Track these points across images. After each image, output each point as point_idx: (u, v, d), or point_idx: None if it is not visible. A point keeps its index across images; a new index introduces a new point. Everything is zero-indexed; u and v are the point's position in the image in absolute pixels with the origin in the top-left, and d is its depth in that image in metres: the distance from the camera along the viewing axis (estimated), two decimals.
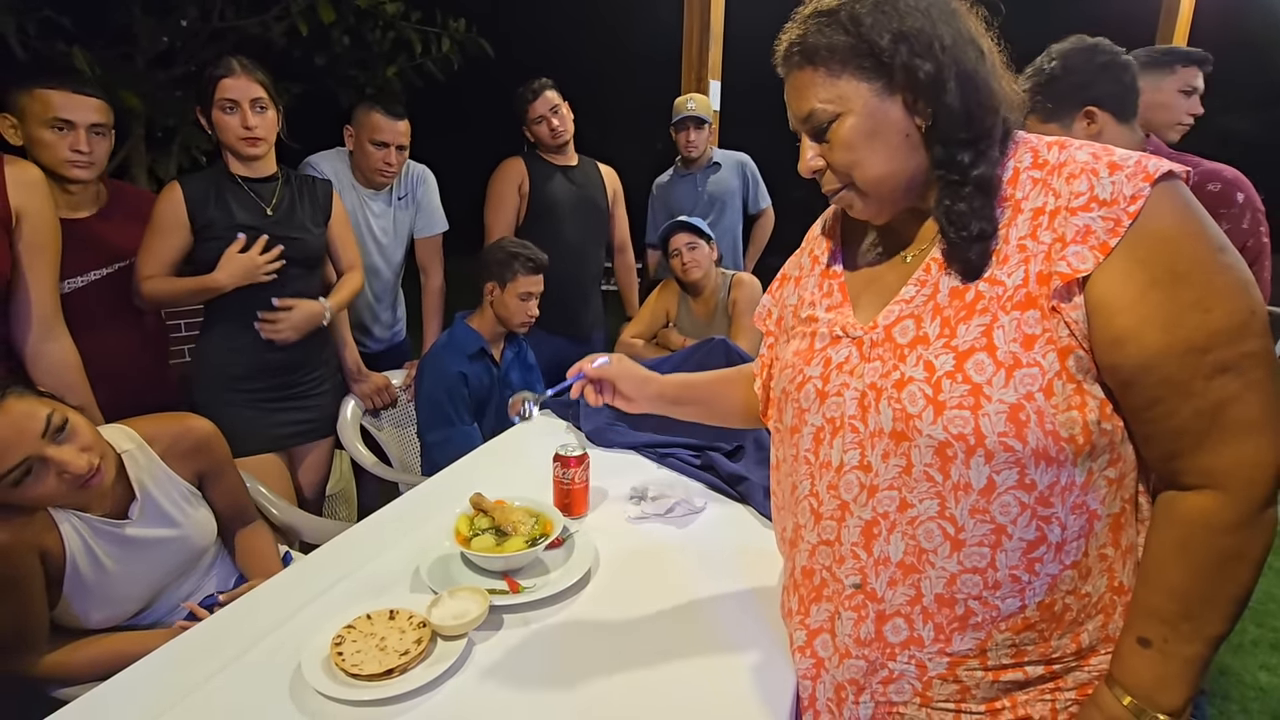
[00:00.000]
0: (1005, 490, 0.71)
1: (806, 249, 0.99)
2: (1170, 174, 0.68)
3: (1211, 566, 0.69)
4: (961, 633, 0.76)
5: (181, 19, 3.62)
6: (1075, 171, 0.70)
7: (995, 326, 0.71)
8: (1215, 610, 0.70)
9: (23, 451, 1.07)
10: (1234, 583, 0.69)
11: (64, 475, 1.10)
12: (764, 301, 1.05)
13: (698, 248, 2.44)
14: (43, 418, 1.10)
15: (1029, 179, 0.74)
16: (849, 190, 0.80)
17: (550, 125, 2.54)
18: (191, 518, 1.34)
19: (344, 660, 0.90)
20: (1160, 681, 0.71)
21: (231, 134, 1.73)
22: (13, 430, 1.06)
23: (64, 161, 1.61)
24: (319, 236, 1.90)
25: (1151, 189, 0.67)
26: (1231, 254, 0.67)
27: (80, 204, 1.71)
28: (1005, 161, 0.76)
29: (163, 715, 0.86)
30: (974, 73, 0.73)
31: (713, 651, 0.97)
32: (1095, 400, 0.70)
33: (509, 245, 2.11)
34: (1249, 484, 0.67)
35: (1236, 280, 0.67)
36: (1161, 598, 0.71)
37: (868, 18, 0.73)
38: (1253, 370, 0.66)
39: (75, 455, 1.11)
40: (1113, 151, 0.70)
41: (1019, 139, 0.77)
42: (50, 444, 1.10)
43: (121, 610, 1.24)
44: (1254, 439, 0.66)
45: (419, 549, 1.18)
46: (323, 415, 2.03)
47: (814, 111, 0.77)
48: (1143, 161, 0.68)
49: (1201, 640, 0.70)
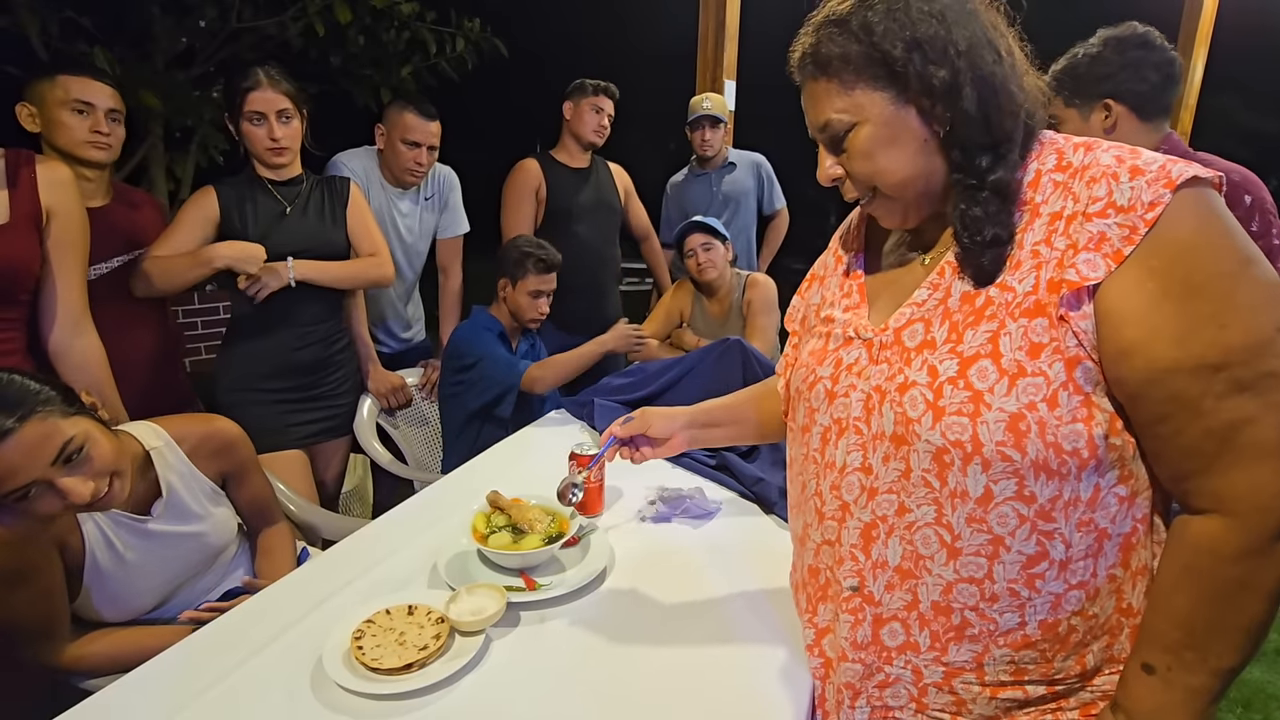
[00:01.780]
0: (1003, 501, 0.70)
1: (832, 249, 0.98)
2: (1196, 180, 0.65)
3: (1217, 595, 0.66)
4: (958, 643, 0.75)
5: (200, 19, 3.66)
6: (1096, 175, 0.68)
7: (1002, 333, 0.69)
8: (1222, 641, 0.66)
9: (28, 476, 1.03)
10: (1242, 613, 0.65)
11: (65, 501, 1.06)
12: (794, 302, 1.04)
13: (713, 248, 2.44)
14: (58, 444, 1.04)
15: (1050, 182, 0.72)
16: (878, 198, 0.80)
17: (601, 122, 2.63)
18: (214, 516, 1.36)
19: (364, 654, 0.90)
20: (1162, 710, 0.69)
21: (259, 145, 1.79)
22: (24, 456, 1.01)
23: (84, 143, 1.65)
24: (339, 234, 1.92)
25: (1174, 195, 0.64)
26: (1260, 267, 0.63)
27: (95, 193, 1.74)
28: (1027, 164, 0.74)
29: (187, 706, 0.87)
30: (991, 76, 0.71)
31: (728, 651, 0.97)
32: (1104, 414, 0.68)
33: (523, 244, 2.13)
34: (1261, 511, 0.63)
35: (1262, 295, 0.63)
36: (1167, 624, 0.69)
37: (879, 25, 0.71)
38: (1273, 391, 0.62)
39: (80, 484, 1.05)
40: (1139, 154, 0.68)
41: (1044, 139, 0.75)
42: (59, 470, 1.05)
43: (139, 604, 1.25)
44: (1270, 464, 0.62)
45: (436, 546, 1.19)
46: (343, 414, 2.06)
47: (830, 121, 0.76)
48: (1167, 166, 0.65)
49: (1207, 671, 0.67)
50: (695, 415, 1.11)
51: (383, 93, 4.08)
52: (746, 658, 0.96)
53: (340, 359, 2.01)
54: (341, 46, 3.94)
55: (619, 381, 2.01)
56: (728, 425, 1.12)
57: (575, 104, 2.63)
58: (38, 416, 1.03)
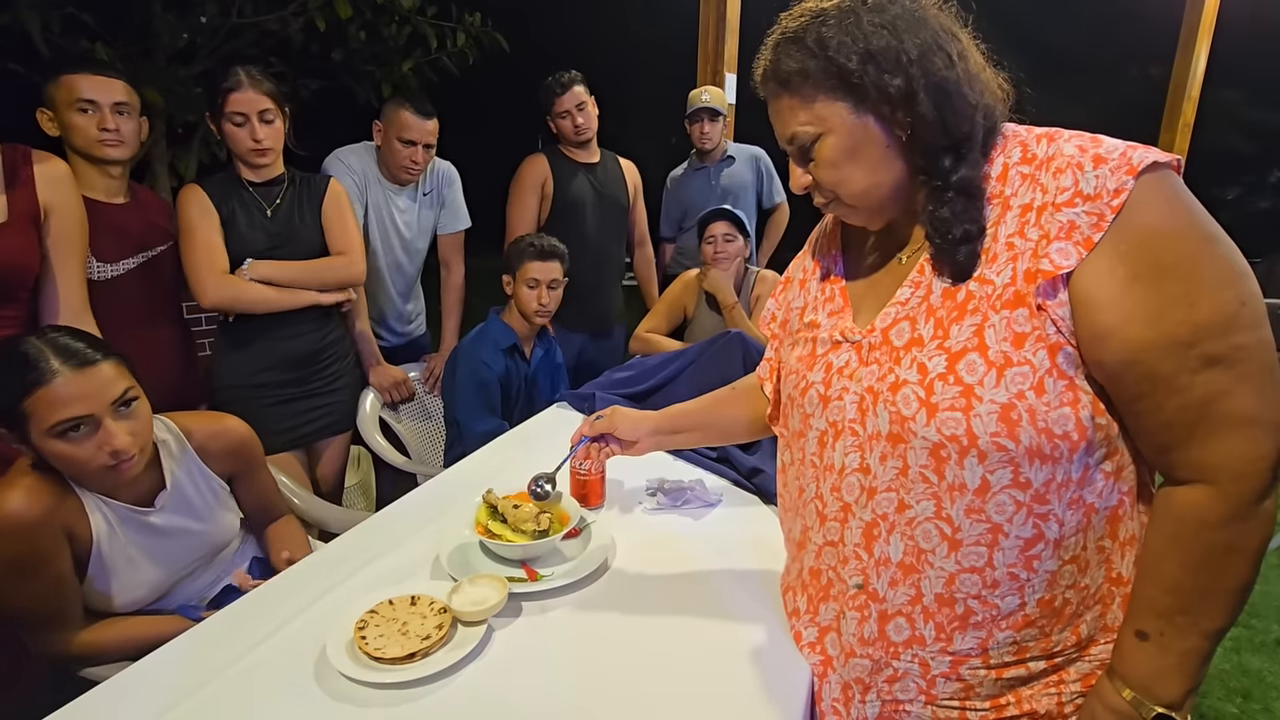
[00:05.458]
0: (1000, 490, 0.71)
1: (809, 252, 1.00)
2: (1156, 164, 0.66)
3: (1205, 561, 0.68)
4: (963, 632, 0.77)
5: (201, 15, 3.66)
6: (1062, 166, 0.70)
7: (986, 326, 0.71)
8: (1212, 604, 0.69)
9: (87, 409, 1.11)
10: (1230, 576, 0.68)
11: (104, 446, 1.13)
12: (768, 305, 1.06)
13: (734, 240, 2.42)
14: (122, 388, 1.15)
15: (1018, 175, 0.74)
16: (838, 204, 0.82)
17: (575, 122, 2.54)
18: (216, 514, 1.36)
19: (367, 644, 0.91)
20: (1158, 674, 0.71)
21: (242, 146, 1.79)
22: (96, 387, 1.12)
23: (95, 141, 1.65)
24: (311, 233, 1.91)
25: (1136, 181, 0.66)
26: (1224, 244, 0.66)
27: (118, 190, 1.75)
28: (994, 158, 0.76)
29: (191, 696, 0.87)
30: (944, 81, 0.73)
31: (729, 642, 0.98)
32: (1087, 396, 0.70)
33: (525, 237, 2.14)
34: (1239, 478, 0.66)
35: (1226, 271, 0.65)
36: (1157, 591, 0.71)
37: (833, 40, 0.73)
38: (1245, 363, 0.64)
39: (124, 434, 1.15)
40: (1101, 142, 0.70)
41: (1007, 133, 0.77)
42: (112, 414, 1.14)
43: (136, 596, 1.26)
44: (1245, 432, 0.65)
45: (439, 537, 1.20)
46: (342, 409, 2.06)
47: (796, 134, 0.78)
48: (1128, 153, 0.67)
49: (1199, 634, 0.69)
50: (661, 422, 1.16)
51: (384, 88, 4.06)
52: (747, 648, 0.96)
53: (334, 352, 2.01)
54: (343, 42, 3.93)
55: (620, 375, 2.02)
56: (691, 431, 1.17)
57: (549, 116, 2.58)
58: (116, 359, 1.17)
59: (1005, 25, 0.79)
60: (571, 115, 2.53)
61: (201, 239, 1.75)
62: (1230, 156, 11.25)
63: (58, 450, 1.12)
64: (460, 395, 2.03)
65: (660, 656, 0.95)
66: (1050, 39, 2.40)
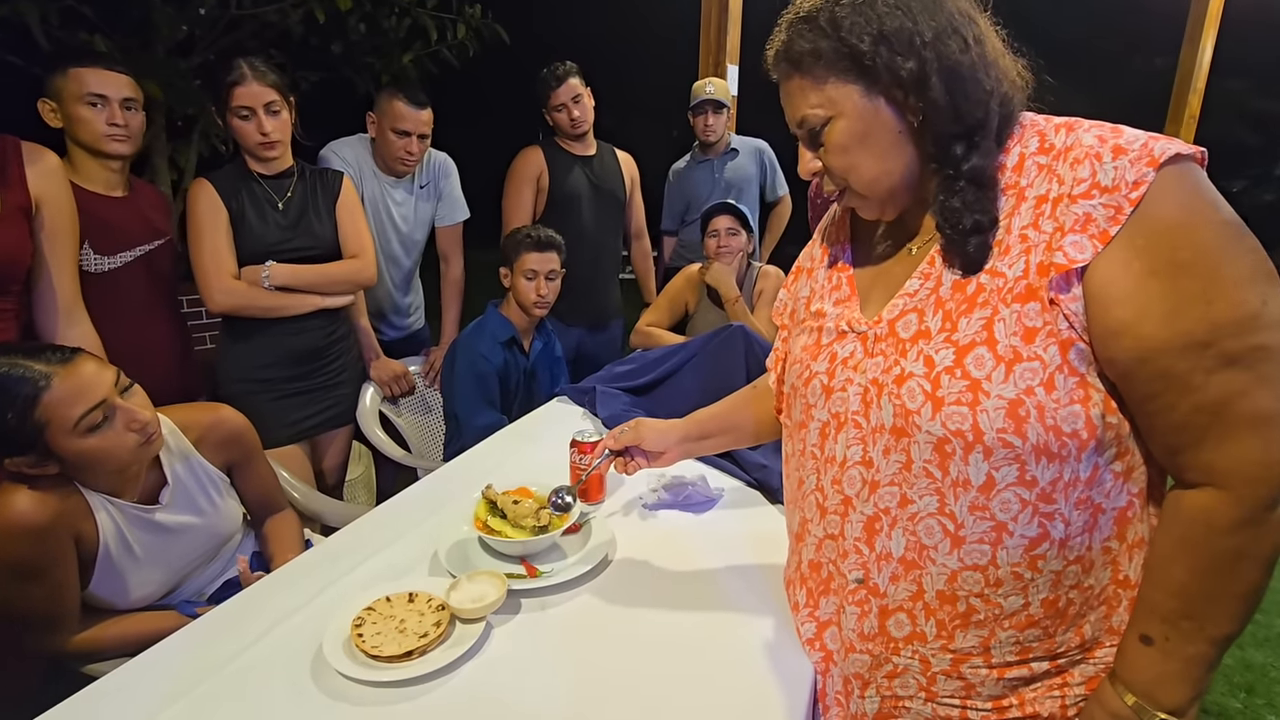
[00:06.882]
0: (1005, 487, 0.70)
1: (817, 239, 0.98)
2: (1178, 156, 0.64)
3: (1213, 566, 0.66)
4: (964, 630, 0.76)
5: (200, 7, 3.63)
6: (1080, 156, 0.67)
7: (996, 320, 0.69)
8: (1219, 609, 0.67)
9: (101, 394, 1.12)
10: (1239, 582, 0.66)
11: (132, 425, 1.14)
12: (780, 296, 1.04)
13: (738, 235, 2.41)
14: (114, 373, 1.17)
15: (1034, 165, 0.71)
16: (849, 194, 0.80)
17: (570, 115, 2.52)
18: (219, 506, 1.36)
19: (364, 642, 0.91)
20: (1161, 680, 0.69)
21: (249, 140, 1.78)
22: (93, 377, 1.13)
23: (102, 135, 1.64)
24: (328, 230, 1.91)
25: (1157, 173, 0.63)
26: (1245, 241, 0.64)
27: (118, 184, 1.74)
28: (1010, 147, 0.74)
29: (187, 694, 0.87)
30: (958, 65, 0.70)
31: (730, 638, 0.97)
32: (1099, 394, 0.68)
33: (521, 229, 2.13)
34: (1253, 483, 0.63)
35: (1248, 269, 0.62)
36: (1163, 595, 0.69)
37: (847, 20, 0.71)
38: (1263, 364, 0.62)
39: (141, 407, 1.17)
40: (1121, 133, 0.67)
41: (1025, 122, 0.75)
42: (120, 396, 1.16)
43: (145, 593, 1.26)
44: (1261, 436, 0.63)
45: (437, 533, 1.19)
46: (344, 404, 2.06)
47: (806, 117, 0.76)
48: (1149, 144, 0.65)
49: (1205, 640, 0.68)
50: (689, 429, 1.13)
51: (384, 80, 4.05)
52: (748, 645, 0.96)
53: (339, 348, 2.01)
54: (342, 34, 3.91)
55: (621, 368, 2.00)
56: (720, 435, 1.14)
57: (546, 109, 2.56)
58: (85, 354, 1.17)
59: (1010, 17, 0.77)
60: (567, 108, 2.51)
61: (209, 242, 1.75)
62: (1236, 149, 11.15)
63: (89, 446, 1.11)
64: (458, 389, 2.02)
65: (661, 653, 0.94)
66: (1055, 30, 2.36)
